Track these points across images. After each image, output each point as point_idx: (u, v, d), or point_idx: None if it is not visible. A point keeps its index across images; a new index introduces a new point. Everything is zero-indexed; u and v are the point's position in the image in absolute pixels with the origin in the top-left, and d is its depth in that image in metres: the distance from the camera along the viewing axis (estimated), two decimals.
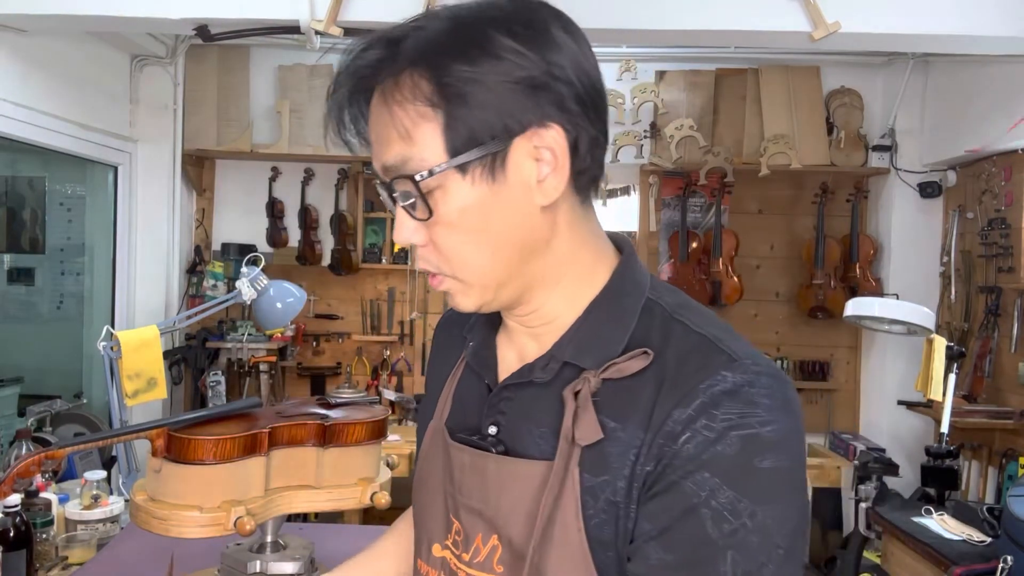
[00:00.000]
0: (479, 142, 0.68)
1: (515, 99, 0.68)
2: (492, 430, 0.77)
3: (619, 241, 0.82)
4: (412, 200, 0.71)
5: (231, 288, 3.16)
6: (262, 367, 4.14)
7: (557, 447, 0.71)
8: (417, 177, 0.69)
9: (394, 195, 0.72)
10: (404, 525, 1.04)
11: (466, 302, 0.76)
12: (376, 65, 0.71)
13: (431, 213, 0.70)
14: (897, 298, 3.75)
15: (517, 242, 0.72)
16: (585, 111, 0.73)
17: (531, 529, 0.71)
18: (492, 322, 0.84)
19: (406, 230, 0.73)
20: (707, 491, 0.63)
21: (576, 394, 0.71)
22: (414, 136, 0.69)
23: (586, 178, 0.75)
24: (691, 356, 0.69)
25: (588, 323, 0.75)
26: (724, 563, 0.62)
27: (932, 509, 2.48)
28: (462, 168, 0.68)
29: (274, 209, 4.38)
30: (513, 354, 0.81)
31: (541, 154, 0.70)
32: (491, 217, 0.70)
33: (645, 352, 0.70)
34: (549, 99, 0.69)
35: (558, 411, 0.72)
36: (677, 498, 0.64)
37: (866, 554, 3.04)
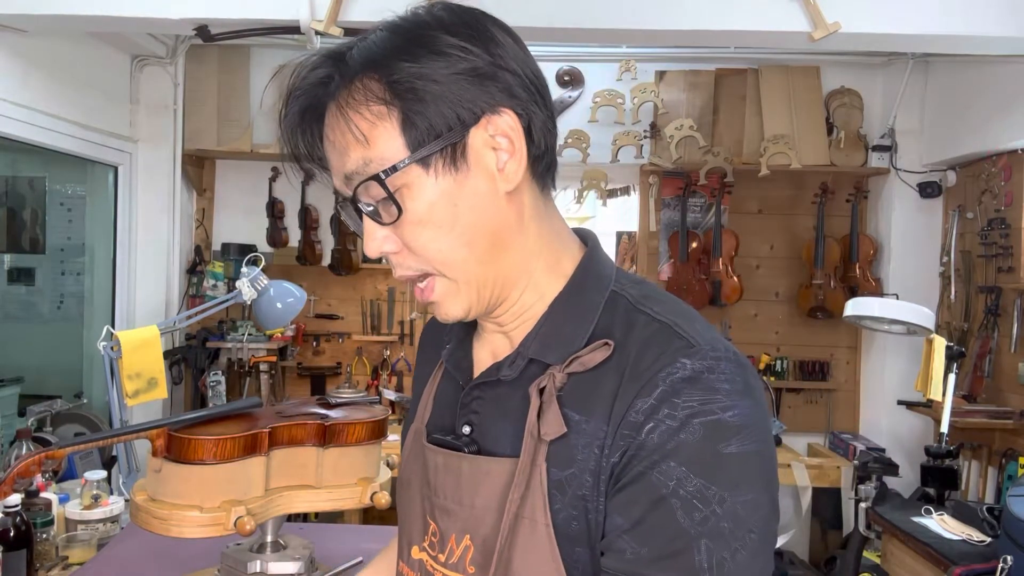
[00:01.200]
0: (437, 134, 0.69)
1: (465, 89, 0.70)
2: (466, 430, 0.79)
3: (583, 235, 0.83)
4: (376, 206, 0.72)
5: (231, 288, 3.16)
6: (262, 367, 4.14)
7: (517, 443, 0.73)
8: (382, 175, 0.69)
9: (358, 205, 0.73)
10: None
11: (455, 306, 0.76)
12: (325, 80, 0.73)
13: (400, 211, 0.71)
14: (897, 298, 3.75)
15: (489, 232, 0.73)
16: (532, 97, 0.74)
17: (497, 518, 0.72)
18: (467, 324, 0.86)
19: (376, 240, 0.73)
20: (675, 480, 0.63)
21: (541, 390, 0.72)
22: (372, 137, 0.70)
23: (543, 165, 0.76)
24: (651, 345, 0.69)
25: (552, 319, 0.76)
26: (698, 552, 0.62)
27: (932, 509, 2.48)
28: (424, 162, 0.70)
29: (274, 209, 4.38)
30: (487, 354, 0.83)
31: (497, 142, 0.72)
32: (459, 208, 0.71)
33: (606, 343, 0.71)
34: (497, 87, 0.71)
35: (526, 408, 0.73)
36: (646, 489, 0.64)
37: (866, 554, 3.04)
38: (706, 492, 0.62)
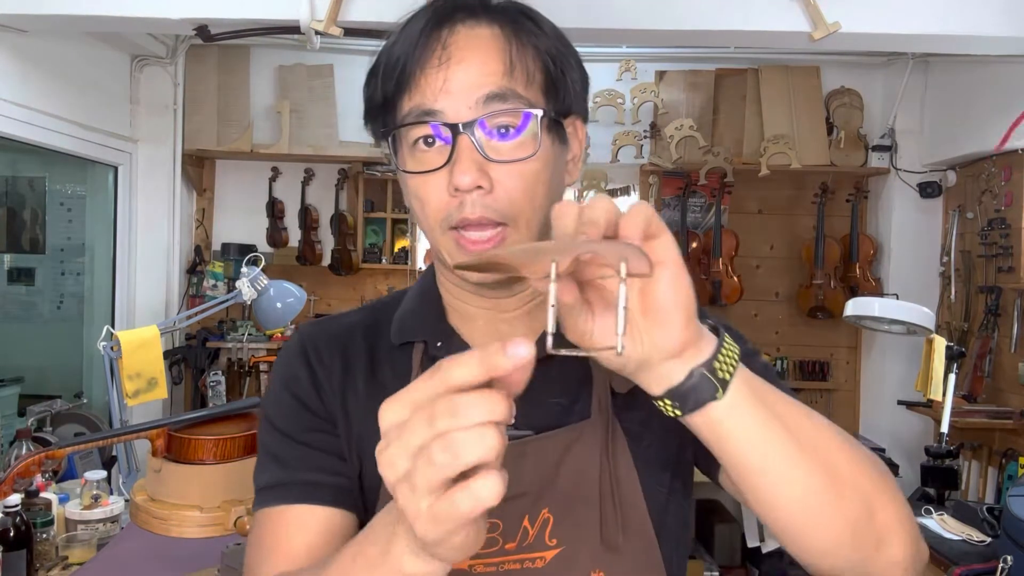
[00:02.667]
0: (566, 110, 0.77)
1: (579, 86, 0.79)
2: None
3: None
4: (490, 138, 0.72)
5: (231, 288, 3.16)
6: (262, 367, 4.15)
7: (577, 409, 0.78)
8: (539, 113, 0.73)
9: (472, 132, 0.71)
10: None
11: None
12: (484, 4, 0.76)
13: (538, 148, 0.73)
14: (897, 298, 3.74)
15: (551, 204, 0.78)
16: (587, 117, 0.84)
17: (590, 487, 0.75)
18: (444, 322, 0.83)
19: (475, 171, 0.71)
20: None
21: None
22: (536, 81, 0.74)
23: (579, 172, 0.84)
24: None
25: None
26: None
27: (932, 509, 2.48)
28: (552, 124, 0.75)
29: (274, 209, 4.39)
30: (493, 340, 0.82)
31: (571, 140, 0.80)
32: (554, 176, 0.77)
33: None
34: (586, 101, 0.82)
35: (572, 376, 0.78)
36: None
37: None
38: (760, 361, 0.80)
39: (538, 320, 0.81)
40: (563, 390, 0.79)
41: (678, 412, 0.58)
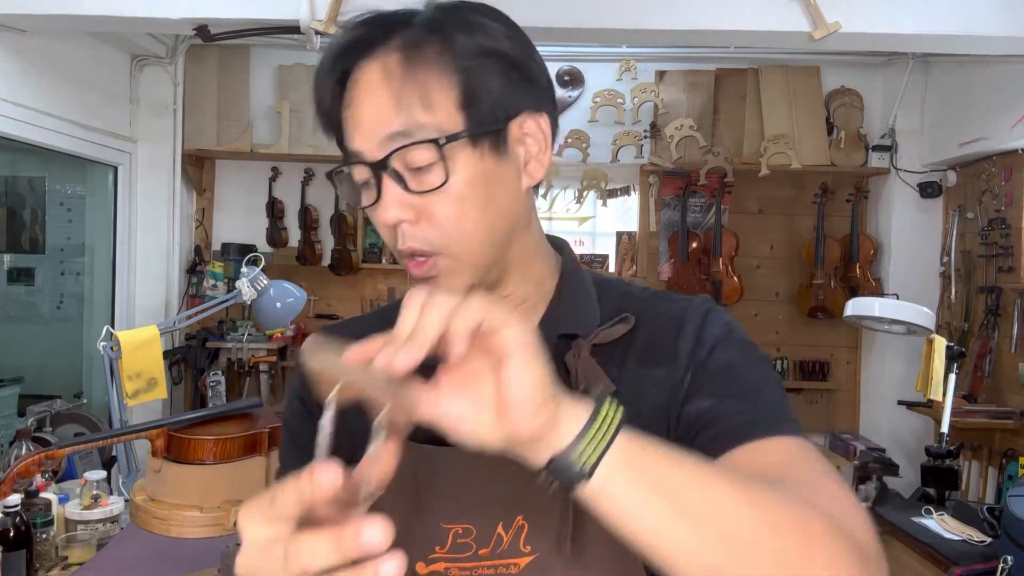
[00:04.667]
0: (491, 117, 0.72)
1: (516, 81, 0.74)
2: None
3: (553, 239, 0.89)
4: (408, 172, 0.71)
5: (231, 288, 3.16)
6: (262, 367, 4.14)
7: None
8: (441, 141, 0.70)
9: (384, 170, 0.72)
10: None
11: (457, 282, 0.76)
12: (385, 34, 0.73)
13: (446, 180, 0.71)
14: (897, 298, 3.74)
15: (509, 221, 0.76)
16: (555, 103, 0.79)
17: (559, 494, 0.73)
18: None
19: (396, 207, 0.72)
20: (731, 357, 0.78)
21: (577, 356, 0.77)
22: (435, 103, 0.71)
23: (545, 168, 0.81)
24: (659, 309, 0.83)
25: (565, 299, 0.83)
26: (765, 377, 0.78)
27: (932, 509, 2.48)
28: (476, 139, 0.72)
29: (274, 209, 4.38)
30: None
31: (526, 139, 0.76)
32: (493, 192, 0.74)
33: (624, 318, 0.80)
34: (541, 88, 0.76)
35: (559, 379, 0.75)
36: (715, 372, 0.78)
37: None
38: (750, 355, 0.79)
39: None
40: None
41: (554, 488, 0.57)
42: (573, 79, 4.34)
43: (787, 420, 0.74)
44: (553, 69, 4.32)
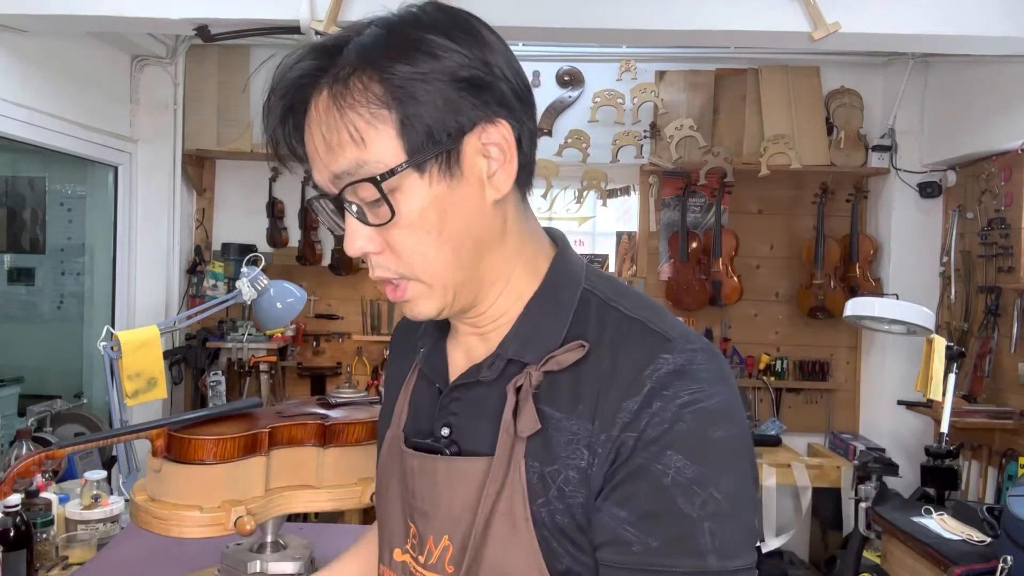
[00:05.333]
0: (435, 140, 0.69)
1: (463, 96, 0.69)
2: (444, 432, 0.79)
3: (553, 234, 0.84)
4: (362, 206, 0.71)
5: (231, 288, 3.16)
6: (262, 367, 4.14)
7: (493, 441, 0.74)
8: (379, 178, 0.69)
9: (344, 205, 0.72)
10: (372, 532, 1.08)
11: (428, 307, 0.76)
12: (316, 72, 0.72)
13: (392, 215, 0.70)
14: (897, 298, 3.75)
15: (474, 239, 0.74)
16: (523, 106, 0.74)
17: (469, 519, 0.74)
18: (441, 327, 0.87)
19: (360, 239, 0.72)
20: (673, 469, 0.66)
21: (518, 388, 0.73)
22: (369, 139, 0.69)
23: (526, 172, 0.77)
24: (628, 343, 0.71)
25: (528, 319, 0.77)
26: (702, 535, 0.65)
27: (932, 509, 2.48)
28: (420, 167, 0.69)
29: (274, 209, 4.38)
30: (461, 356, 0.83)
31: (489, 151, 0.72)
32: (449, 215, 0.71)
33: (581, 344, 0.72)
34: (493, 96, 0.71)
35: (504, 407, 0.74)
36: (647, 481, 0.66)
37: (866, 554, 3.04)
38: (703, 477, 0.65)
39: (494, 343, 0.79)
40: (488, 419, 0.75)
41: None
42: (573, 79, 4.34)
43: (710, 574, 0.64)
44: (553, 69, 4.34)
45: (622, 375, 0.69)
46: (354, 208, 0.72)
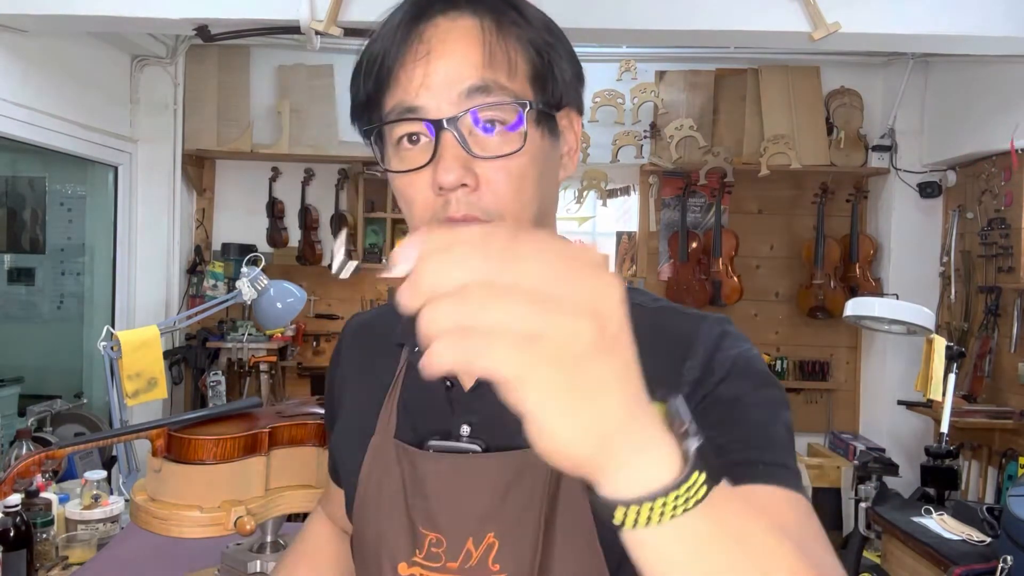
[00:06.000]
0: (556, 99, 0.74)
1: (574, 77, 0.76)
2: (465, 430, 0.77)
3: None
4: (471, 136, 0.69)
5: (231, 288, 3.16)
6: (262, 367, 4.14)
7: None
8: (529, 104, 0.70)
9: (453, 129, 0.68)
10: (296, 559, 1.00)
11: None
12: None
13: (523, 144, 0.70)
14: (897, 298, 3.75)
15: (548, 203, 0.76)
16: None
17: (534, 515, 0.71)
18: None
19: (459, 169, 0.68)
20: (741, 391, 0.71)
21: None
22: (520, 72, 0.71)
23: (575, 166, 0.82)
24: (670, 323, 0.75)
25: None
26: (779, 436, 0.70)
27: (932, 509, 2.48)
28: (542, 117, 0.72)
29: (274, 209, 4.39)
30: None
31: (566, 133, 0.77)
32: (544, 170, 0.73)
33: None
34: (580, 93, 0.78)
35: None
36: (720, 405, 0.71)
37: (866, 554, 3.04)
38: (768, 394, 0.72)
39: None
40: None
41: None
42: None
43: (789, 470, 0.69)
44: None
45: (674, 347, 0.73)
46: (460, 135, 0.69)
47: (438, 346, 0.38)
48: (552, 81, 0.73)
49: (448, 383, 0.80)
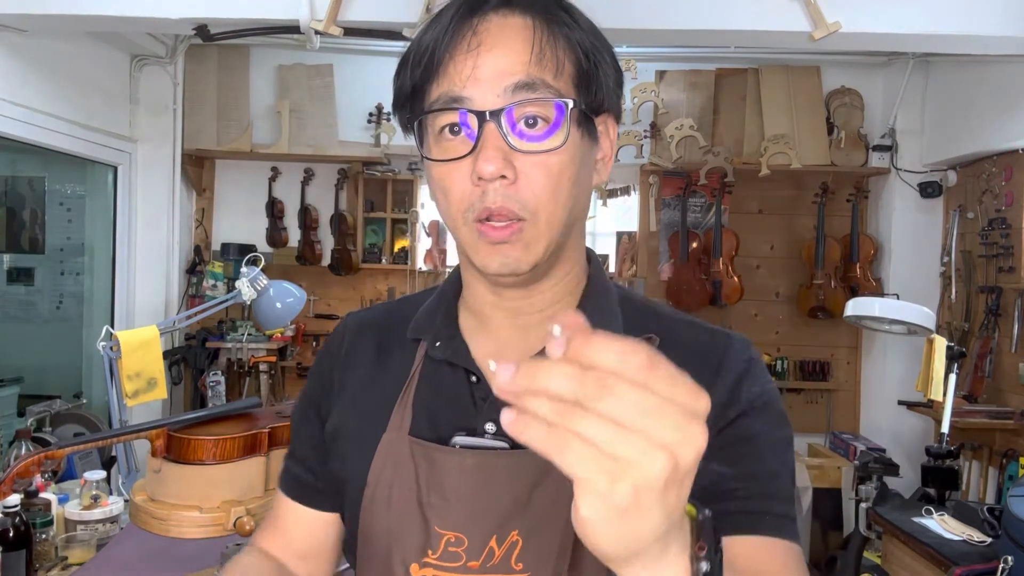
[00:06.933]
0: (597, 102, 0.75)
1: (616, 84, 0.77)
2: (491, 427, 0.76)
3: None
4: (513, 130, 0.70)
5: (231, 288, 3.15)
6: (262, 367, 4.14)
7: None
8: (571, 103, 0.71)
9: (497, 120, 0.69)
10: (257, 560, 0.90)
11: (529, 255, 0.73)
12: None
13: (565, 140, 0.71)
14: (897, 298, 3.74)
15: (581, 205, 0.77)
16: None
17: (561, 514, 0.71)
18: (452, 322, 0.83)
19: (500, 160, 0.69)
20: (765, 434, 0.76)
21: None
22: (566, 72, 0.72)
23: (608, 173, 0.83)
24: (698, 340, 0.79)
25: (592, 309, 0.79)
26: (787, 487, 0.76)
27: (932, 509, 2.48)
28: (582, 119, 0.73)
29: (274, 209, 4.38)
30: (494, 349, 0.80)
31: (602, 139, 0.78)
32: (581, 172, 0.74)
33: (650, 338, 0.77)
34: (620, 100, 0.80)
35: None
36: (746, 444, 0.75)
37: (866, 554, 3.03)
38: (785, 440, 0.77)
39: (539, 333, 0.79)
40: None
41: None
42: None
43: (791, 520, 0.75)
44: None
45: (701, 363, 0.75)
46: (502, 127, 0.70)
47: (532, 421, 0.42)
48: (595, 84, 0.74)
49: (474, 378, 0.79)
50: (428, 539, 0.75)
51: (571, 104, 0.70)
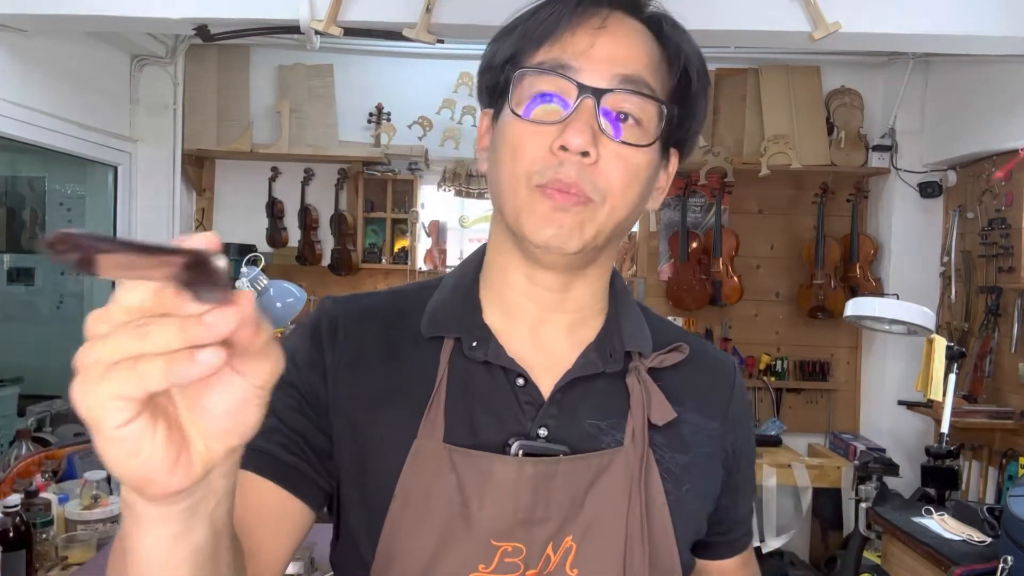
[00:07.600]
0: (679, 128, 0.78)
1: (696, 130, 0.83)
2: (542, 432, 0.74)
3: None
4: (612, 119, 0.72)
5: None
6: None
7: (613, 435, 0.76)
8: (664, 109, 0.73)
9: (596, 102, 0.70)
10: None
11: (579, 234, 0.72)
12: (644, 4, 0.78)
13: (655, 140, 0.73)
14: (897, 298, 3.74)
15: (637, 212, 0.78)
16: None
17: (614, 518, 0.73)
18: (480, 319, 0.79)
19: (589, 136, 0.69)
20: (750, 460, 0.91)
21: (639, 379, 0.78)
22: (667, 89, 0.76)
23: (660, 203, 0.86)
24: (707, 356, 0.86)
25: (622, 316, 0.81)
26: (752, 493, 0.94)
27: (932, 509, 2.48)
28: (668, 136, 0.76)
29: (274, 209, 4.38)
30: (528, 350, 0.77)
31: (665, 171, 0.81)
32: (648, 183, 0.76)
33: (679, 346, 0.81)
34: (694, 145, 0.84)
35: (620, 398, 0.77)
36: (749, 470, 0.91)
37: (866, 554, 3.04)
38: (753, 451, 0.92)
39: (582, 334, 0.79)
40: (602, 412, 0.76)
41: None
42: None
43: (751, 529, 0.93)
44: None
45: (720, 382, 0.86)
46: (600, 108, 0.71)
47: None
48: (687, 114, 0.77)
49: (520, 380, 0.76)
50: (480, 553, 0.71)
51: (669, 110, 0.73)
